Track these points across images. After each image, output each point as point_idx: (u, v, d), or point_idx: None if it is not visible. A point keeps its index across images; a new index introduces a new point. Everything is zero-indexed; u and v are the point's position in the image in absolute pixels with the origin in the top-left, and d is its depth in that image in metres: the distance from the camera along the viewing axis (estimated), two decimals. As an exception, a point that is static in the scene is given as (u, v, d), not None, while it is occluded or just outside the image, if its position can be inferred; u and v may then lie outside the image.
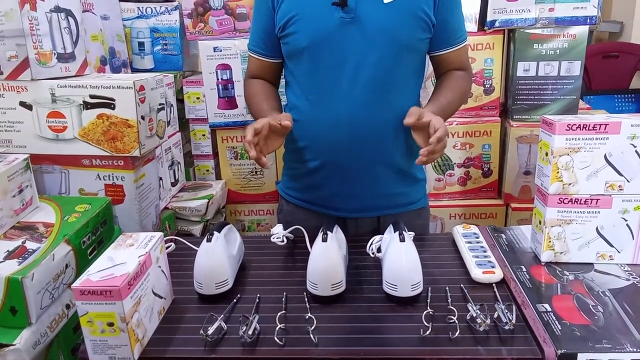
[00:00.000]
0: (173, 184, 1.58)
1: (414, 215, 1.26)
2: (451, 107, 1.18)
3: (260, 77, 1.27)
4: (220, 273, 0.93)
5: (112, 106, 1.13)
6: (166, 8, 1.76)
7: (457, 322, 0.82)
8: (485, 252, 1.04)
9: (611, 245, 0.99)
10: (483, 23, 1.65)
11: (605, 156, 0.95)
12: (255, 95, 1.24)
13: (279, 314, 0.86)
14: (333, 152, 1.15)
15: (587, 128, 0.93)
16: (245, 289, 0.97)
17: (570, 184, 0.96)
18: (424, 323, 0.82)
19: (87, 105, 1.14)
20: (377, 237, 1.04)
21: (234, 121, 1.75)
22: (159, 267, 0.90)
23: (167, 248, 1.05)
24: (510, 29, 1.64)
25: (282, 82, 1.27)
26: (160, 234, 0.91)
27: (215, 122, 1.78)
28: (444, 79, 1.23)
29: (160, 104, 1.29)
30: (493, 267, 0.98)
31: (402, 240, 0.91)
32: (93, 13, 1.47)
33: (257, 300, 0.92)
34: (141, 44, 1.77)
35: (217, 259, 0.93)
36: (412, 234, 1.01)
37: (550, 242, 1.00)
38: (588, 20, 1.56)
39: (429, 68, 1.27)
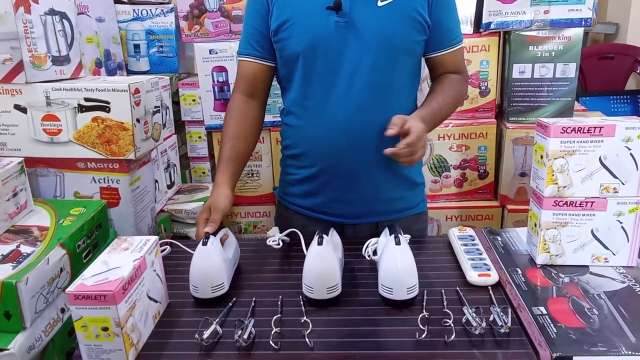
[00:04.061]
0: (169, 187, 1.58)
1: (412, 220, 1.25)
2: (443, 112, 1.17)
3: (251, 87, 1.20)
4: (215, 276, 0.93)
5: (107, 109, 1.13)
6: (162, 10, 1.76)
7: (452, 325, 0.82)
8: (480, 254, 1.04)
9: (606, 248, 1.00)
10: (478, 25, 1.65)
11: (600, 159, 0.95)
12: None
13: (275, 317, 0.86)
14: (330, 157, 1.15)
15: (581, 131, 0.94)
16: (241, 293, 0.97)
17: (565, 187, 0.97)
18: (419, 326, 0.82)
19: (82, 108, 1.13)
20: (372, 240, 1.04)
21: (230, 123, 1.75)
22: (154, 270, 0.89)
23: (162, 251, 1.05)
24: (506, 31, 1.65)
25: (276, 85, 1.26)
26: (155, 237, 0.91)
27: (211, 124, 1.78)
28: (437, 82, 1.22)
29: (155, 107, 1.28)
30: (489, 269, 0.98)
31: (398, 243, 0.91)
32: (88, 15, 1.47)
33: (253, 303, 0.92)
34: (137, 46, 1.77)
35: (212, 263, 0.93)
36: (408, 236, 1.01)
37: (545, 244, 1.00)
38: (583, 23, 1.57)
39: (425, 70, 1.26)
